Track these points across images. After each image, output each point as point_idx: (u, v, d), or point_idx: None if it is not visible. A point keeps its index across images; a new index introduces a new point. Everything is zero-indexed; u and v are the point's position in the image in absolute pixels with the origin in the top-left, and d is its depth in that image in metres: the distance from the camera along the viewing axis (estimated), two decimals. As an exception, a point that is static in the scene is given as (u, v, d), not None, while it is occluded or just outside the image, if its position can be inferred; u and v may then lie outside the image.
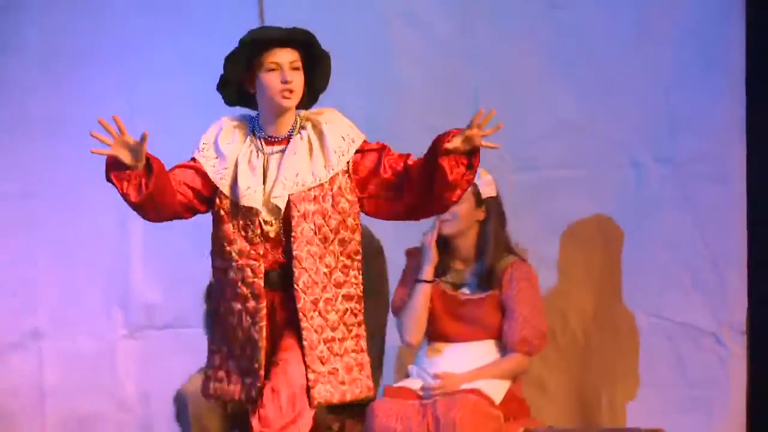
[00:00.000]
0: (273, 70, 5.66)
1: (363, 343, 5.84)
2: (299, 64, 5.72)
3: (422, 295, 7.51)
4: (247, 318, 5.70)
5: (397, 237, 7.72)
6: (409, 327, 7.51)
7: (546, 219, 7.93)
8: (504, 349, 7.41)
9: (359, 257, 5.84)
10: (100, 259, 8.66)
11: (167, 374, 8.07)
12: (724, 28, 7.68)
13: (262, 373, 5.66)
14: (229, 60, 5.72)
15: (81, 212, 8.73)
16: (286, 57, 5.67)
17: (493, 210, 7.42)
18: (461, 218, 7.40)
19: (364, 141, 5.76)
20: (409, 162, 5.71)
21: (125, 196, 5.51)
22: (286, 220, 5.66)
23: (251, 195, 5.65)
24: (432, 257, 7.50)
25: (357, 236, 5.80)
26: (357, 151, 5.73)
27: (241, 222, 5.68)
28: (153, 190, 5.46)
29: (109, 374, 8.65)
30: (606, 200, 7.88)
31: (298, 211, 5.66)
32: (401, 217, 5.84)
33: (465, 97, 7.98)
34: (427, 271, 7.56)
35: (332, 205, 5.70)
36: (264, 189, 5.69)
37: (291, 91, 5.65)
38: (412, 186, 5.68)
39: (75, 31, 9.22)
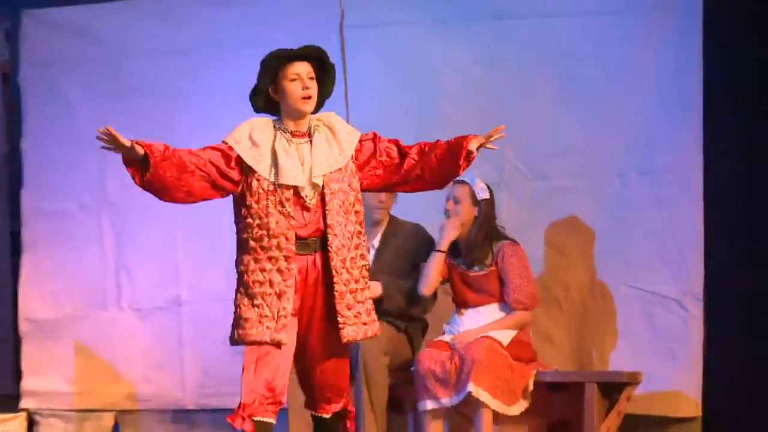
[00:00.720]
0: (294, 80, 5.70)
1: (369, 294, 5.90)
2: (314, 74, 5.74)
3: (435, 260, 7.66)
4: (279, 276, 5.66)
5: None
6: (423, 282, 7.67)
7: (554, 215, 7.99)
8: (506, 307, 7.52)
9: (362, 229, 5.84)
10: (224, 239, 8.06)
11: None
12: (686, 75, 7.68)
13: (287, 321, 5.66)
14: (263, 74, 5.77)
15: (205, 207, 8.97)
16: (304, 68, 5.71)
17: (484, 209, 7.56)
18: (462, 212, 7.53)
19: (361, 135, 5.83)
20: (401, 145, 5.86)
21: (147, 188, 5.64)
22: (320, 195, 5.70)
23: (294, 176, 5.66)
24: (449, 234, 7.60)
25: (362, 208, 5.82)
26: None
27: (277, 198, 5.66)
28: (151, 177, 5.52)
29: (227, 330, 8.91)
30: (599, 202, 7.92)
31: (330, 189, 5.70)
32: (392, 188, 6.09)
33: (493, 126, 8.18)
34: (443, 244, 7.65)
35: (348, 185, 5.75)
36: (303, 170, 5.69)
37: (309, 97, 5.70)
38: (422, 174, 5.83)
39: (123, 50, 9.07)
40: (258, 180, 5.67)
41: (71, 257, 9.13)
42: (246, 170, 5.68)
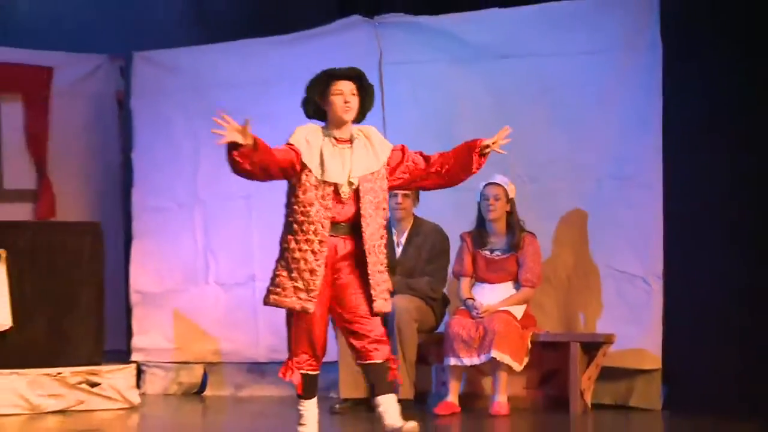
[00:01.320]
0: (338, 94, 5.69)
1: (387, 277, 5.82)
2: (355, 91, 5.71)
3: (463, 251, 7.80)
4: (313, 257, 5.62)
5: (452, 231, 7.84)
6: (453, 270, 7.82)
7: (546, 211, 7.93)
8: (518, 285, 7.65)
9: (385, 222, 5.77)
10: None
11: None
12: (649, 101, 7.62)
13: (316, 293, 5.60)
14: (311, 87, 5.77)
15: (273, 203, 8.70)
16: (347, 86, 5.70)
17: (513, 205, 7.67)
18: (499, 208, 7.61)
19: (392, 146, 5.79)
20: (425, 155, 5.81)
21: (240, 166, 5.51)
22: (356, 191, 5.67)
23: (336, 175, 5.64)
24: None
25: (387, 206, 5.77)
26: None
27: (320, 192, 5.62)
28: (258, 160, 5.49)
29: None
30: (581, 201, 7.91)
31: (363, 188, 5.67)
32: (416, 183, 5.91)
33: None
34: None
35: (379, 186, 5.72)
36: (343, 171, 5.65)
37: (349, 109, 5.68)
38: (441, 170, 5.78)
39: (210, 82, 9.10)
40: (307, 175, 5.64)
41: (170, 243, 9.21)
42: (302, 166, 5.64)
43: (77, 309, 8.08)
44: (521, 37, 8.12)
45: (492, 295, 7.71)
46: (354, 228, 5.71)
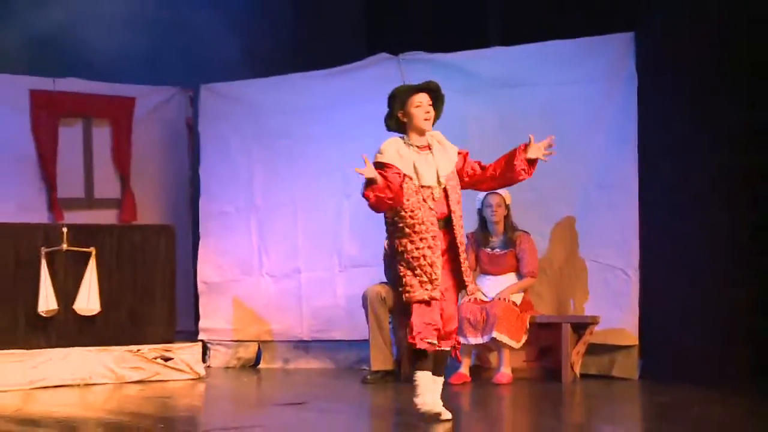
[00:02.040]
0: (419, 106, 5.51)
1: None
2: (431, 102, 5.55)
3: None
4: (430, 251, 5.43)
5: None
6: None
7: (543, 214, 7.85)
8: (518, 276, 7.62)
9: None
10: (328, 230, 8.73)
11: (359, 287, 8.09)
12: (627, 122, 7.54)
13: (439, 281, 5.45)
14: (394, 102, 5.58)
15: (316, 209, 8.83)
16: (425, 98, 5.54)
17: (509, 209, 7.65)
18: (500, 213, 7.59)
19: (458, 149, 5.64)
20: (483, 164, 5.67)
21: (375, 200, 5.37)
22: (444, 190, 5.52)
23: (429, 178, 5.49)
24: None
25: (460, 204, 5.60)
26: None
27: (421, 195, 5.46)
28: (386, 195, 5.37)
29: (333, 289, 8.69)
30: (570, 206, 7.80)
31: (449, 186, 5.54)
32: (479, 190, 6.03)
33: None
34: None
35: (456, 183, 5.58)
36: (433, 174, 5.51)
37: (429, 118, 5.54)
38: (495, 174, 5.64)
39: (263, 109, 8.97)
40: (407, 183, 5.47)
41: (230, 242, 9.16)
42: (402, 177, 5.48)
43: (154, 297, 8.12)
44: (522, 71, 8.08)
45: (495, 285, 7.67)
46: (446, 222, 5.55)
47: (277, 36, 9.58)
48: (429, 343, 5.48)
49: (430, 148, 5.59)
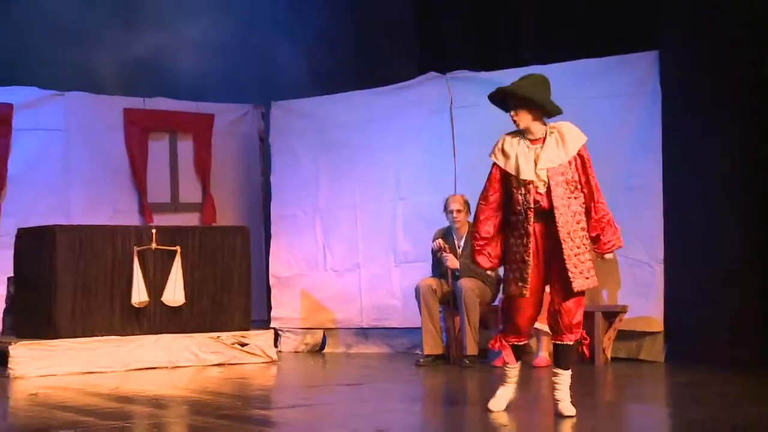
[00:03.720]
0: (508, 112, 5.08)
1: (589, 255, 5.02)
2: (519, 105, 5.05)
3: None
4: (522, 249, 4.98)
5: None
6: None
7: None
8: None
9: (583, 209, 5.03)
10: (384, 229, 8.72)
11: (412, 280, 8.04)
12: (652, 132, 7.46)
13: (528, 280, 4.96)
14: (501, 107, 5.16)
15: (375, 207, 8.79)
16: (511, 104, 5.07)
17: None
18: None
19: (584, 142, 5.08)
20: (591, 195, 5.07)
21: (486, 259, 5.09)
22: (548, 184, 4.97)
23: (527, 172, 4.96)
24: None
25: (581, 196, 5.02)
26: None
27: (521, 190, 4.96)
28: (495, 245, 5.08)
29: (389, 282, 8.66)
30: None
31: (554, 180, 4.95)
32: None
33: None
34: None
35: (571, 176, 4.99)
36: (533, 168, 4.99)
37: (518, 121, 5.04)
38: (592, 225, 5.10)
39: (328, 122, 8.95)
40: (510, 179, 5.02)
41: (298, 241, 9.17)
42: (506, 174, 5.05)
43: (231, 289, 8.09)
44: (556, 86, 7.75)
45: None
46: (547, 216, 4.97)
47: (339, 58, 9.60)
48: (512, 346, 5.14)
49: (543, 141, 5.06)
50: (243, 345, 8.00)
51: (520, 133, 5.10)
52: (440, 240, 7.70)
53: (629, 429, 5.08)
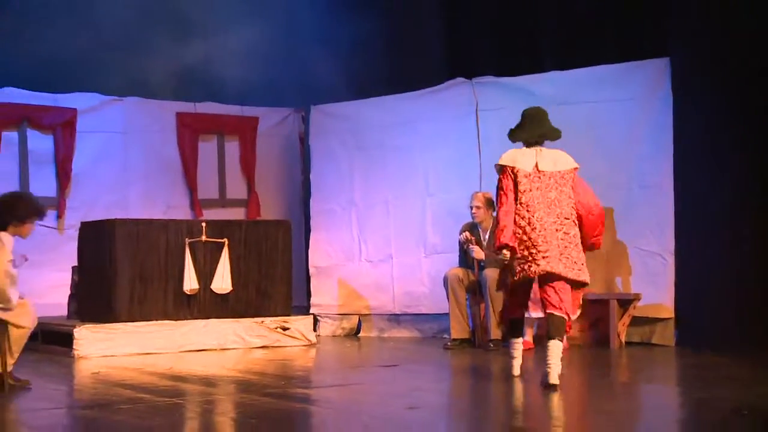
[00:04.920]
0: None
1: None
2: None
3: None
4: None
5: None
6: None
7: None
8: None
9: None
10: (414, 223, 8.69)
11: (440, 270, 8.03)
12: (663, 134, 7.39)
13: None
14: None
15: (406, 203, 8.75)
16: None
17: None
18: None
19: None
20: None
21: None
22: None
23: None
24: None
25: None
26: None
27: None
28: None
29: (419, 272, 8.62)
30: (617, 203, 7.53)
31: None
32: None
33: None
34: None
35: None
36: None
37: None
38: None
39: (361, 124, 8.93)
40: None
41: (335, 234, 9.18)
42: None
43: (274, 278, 8.09)
44: (573, 91, 7.95)
45: None
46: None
47: (372, 65, 9.59)
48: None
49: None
50: (285, 329, 8.01)
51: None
52: (467, 233, 7.68)
53: (642, 407, 5.08)
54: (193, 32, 9.28)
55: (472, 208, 7.71)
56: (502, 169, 5.46)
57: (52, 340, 7.66)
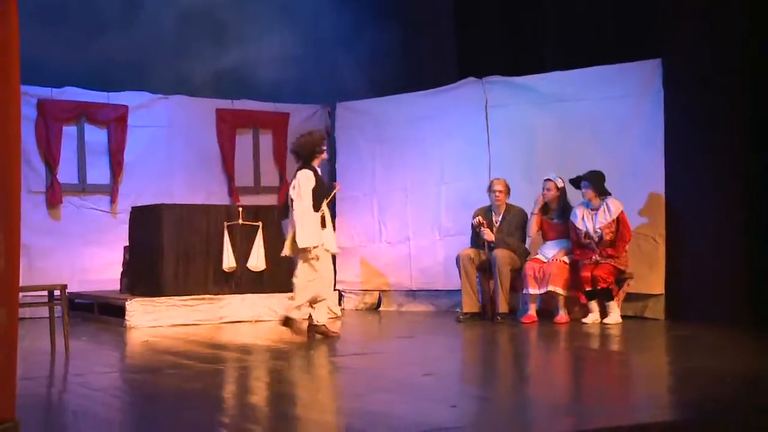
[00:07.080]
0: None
1: None
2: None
3: (533, 219, 7.44)
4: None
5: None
6: (529, 229, 7.50)
7: None
8: (568, 241, 7.32)
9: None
10: (429, 208, 8.64)
11: (454, 250, 7.93)
12: (655, 132, 7.28)
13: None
14: None
15: (422, 190, 8.72)
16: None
17: (564, 191, 7.40)
18: (548, 194, 7.35)
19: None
20: None
21: None
22: None
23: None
24: (536, 207, 7.37)
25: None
26: None
27: None
28: None
29: (434, 252, 8.59)
30: (611, 190, 7.23)
31: None
32: None
33: (562, 157, 7.81)
34: (535, 209, 7.39)
35: None
36: None
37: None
38: None
39: (381, 120, 8.87)
40: None
41: (358, 218, 9.12)
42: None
43: (322, 257, 8.06)
44: (573, 89, 7.87)
45: (553, 247, 7.45)
46: None
47: (391, 66, 9.51)
48: None
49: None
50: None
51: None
52: (480, 217, 7.63)
53: (635, 375, 5.04)
54: (232, 38, 9.30)
55: (494, 192, 7.62)
56: None
57: (106, 311, 7.73)
